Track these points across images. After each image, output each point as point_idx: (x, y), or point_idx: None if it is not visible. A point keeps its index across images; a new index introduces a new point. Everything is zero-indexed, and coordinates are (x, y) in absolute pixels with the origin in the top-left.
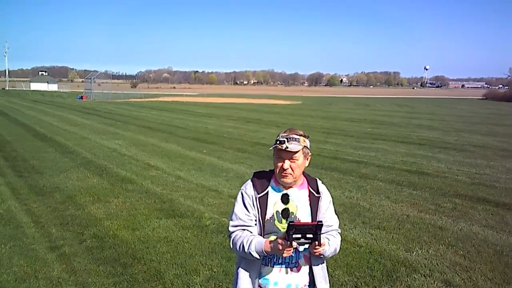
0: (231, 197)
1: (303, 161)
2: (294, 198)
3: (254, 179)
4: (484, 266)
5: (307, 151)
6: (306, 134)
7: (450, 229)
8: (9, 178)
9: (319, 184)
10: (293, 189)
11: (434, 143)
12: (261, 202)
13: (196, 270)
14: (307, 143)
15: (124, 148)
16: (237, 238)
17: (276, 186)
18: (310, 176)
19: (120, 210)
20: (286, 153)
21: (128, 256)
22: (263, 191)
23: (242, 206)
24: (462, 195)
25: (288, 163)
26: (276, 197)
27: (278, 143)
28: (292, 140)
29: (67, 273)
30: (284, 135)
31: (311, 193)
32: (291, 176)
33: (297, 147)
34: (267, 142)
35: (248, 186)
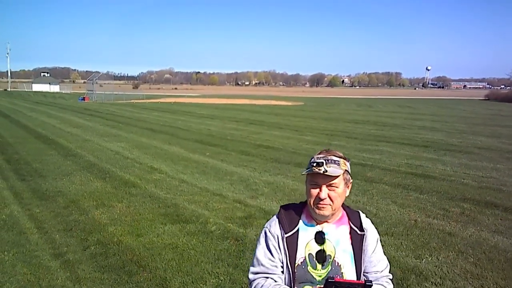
0: (236, 201)
1: (344, 190)
2: (331, 237)
3: (281, 214)
4: (496, 274)
5: (349, 178)
6: (346, 157)
7: (459, 235)
8: (12, 182)
9: (363, 219)
10: (329, 225)
11: (439, 145)
12: (289, 243)
13: (203, 278)
14: (348, 166)
15: (127, 150)
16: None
17: (308, 222)
18: (350, 209)
19: (124, 215)
20: (323, 179)
21: (133, 264)
22: (292, 230)
23: (265, 249)
24: (469, 199)
25: (326, 191)
26: (309, 236)
27: (314, 166)
28: (331, 162)
29: (71, 282)
30: (321, 157)
31: (352, 230)
32: (329, 208)
33: (338, 171)
34: (270, 144)
35: (273, 224)
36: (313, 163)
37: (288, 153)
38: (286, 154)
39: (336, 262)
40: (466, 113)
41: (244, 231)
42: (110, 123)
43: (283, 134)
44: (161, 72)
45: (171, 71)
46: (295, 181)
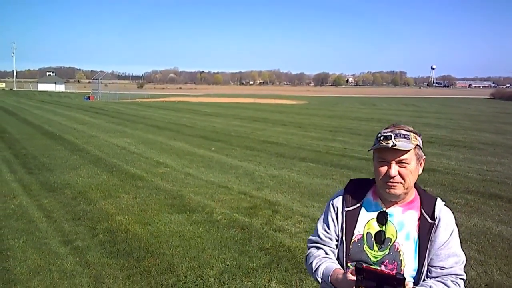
0: (241, 193)
1: (416, 167)
2: (395, 220)
3: (347, 188)
4: (499, 260)
5: (421, 153)
6: (418, 131)
7: (463, 224)
8: (20, 175)
9: (437, 206)
10: (397, 207)
11: (443, 140)
12: (348, 218)
13: (209, 264)
14: (419, 141)
15: (133, 146)
16: (309, 256)
17: (374, 200)
18: (426, 193)
19: (131, 206)
20: (392, 154)
21: (141, 250)
22: (354, 205)
23: (323, 220)
24: (473, 191)
25: (396, 168)
26: (371, 215)
27: (381, 139)
28: (400, 137)
29: (81, 266)
30: (389, 131)
31: (422, 216)
32: (401, 186)
33: (409, 145)
34: (274, 140)
35: (337, 196)
36: (380, 138)
37: (292, 148)
38: (290, 149)
39: (396, 247)
40: (471, 111)
41: (250, 220)
42: (115, 120)
43: (287, 130)
44: (166, 71)
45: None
46: (300, 174)
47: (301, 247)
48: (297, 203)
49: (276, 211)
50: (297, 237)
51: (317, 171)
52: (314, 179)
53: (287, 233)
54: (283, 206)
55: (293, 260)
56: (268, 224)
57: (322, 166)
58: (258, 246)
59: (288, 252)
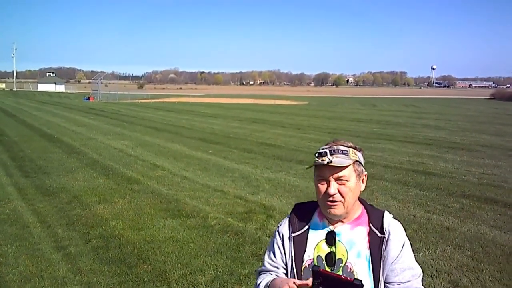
0: (237, 197)
1: (357, 184)
2: (344, 239)
3: (293, 212)
4: (492, 267)
5: (361, 169)
6: (358, 146)
7: (458, 229)
8: (16, 178)
9: (386, 219)
10: (344, 225)
11: (441, 143)
12: (296, 243)
13: (201, 270)
14: (359, 157)
15: (131, 148)
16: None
17: (320, 221)
18: (373, 208)
19: (126, 210)
20: (330, 171)
21: (134, 256)
22: (301, 229)
23: (270, 249)
24: (469, 195)
25: (335, 186)
26: (319, 236)
27: (317, 157)
28: (337, 152)
29: (73, 273)
30: (326, 147)
31: (372, 231)
32: (341, 205)
33: (346, 161)
34: (273, 142)
35: (283, 222)
36: (316, 154)
37: (290, 150)
38: (288, 151)
39: (348, 267)
40: (470, 112)
41: (244, 225)
42: (114, 122)
43: (286, 132)
44: (166, 72)
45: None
46: (296, 177)
47: None
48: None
49: (270, 216)
50: None
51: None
52: (310, 182)
53: None
54: (278, 210)
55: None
56: (262, 229)
57: None
58: (251, 252)
59: None
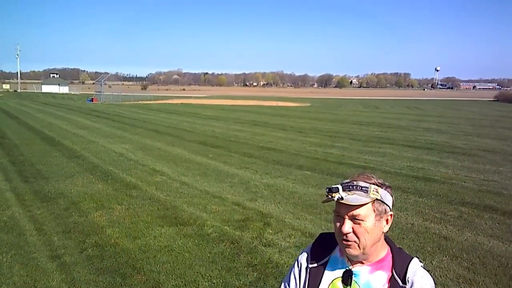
0: (234, 204)
1: (377, 225)
2: (361, 281)
3: (315, 242)
4: (488, 279)
5: (383, 209)
6: (385, 183)
7: (455, 239)
8: (15, 183)
9: (411, 267)
10: (363, 266)
11: (443, 147)
12: (312, 276)
13: (196, 281)
14: (382, 195)
15: (131, 152)
16: None
17: (340, 256)
18: (401, 252)
19: (123, 218)
20: (344, 208)
21: (128, 266)
22: (319, 261)
23: (288, 275)
24: (468, 203)
25: (349, 224)
26: (337, 273)
27: (327, 192)
28: (354, 188)
29: (66, 284)
30: (345, 181)
31: (393, 278)
32: (355, 246)
33: (361, 200)
34: (273, 146)
35: (304, 252)
36: (326, 190)
37: (290, 155)
38: (288, 156)
39: None
40: (473, 115)
41: (240, 234)
42: (116, 124)
43: (287, 135)
44: (170, 73)
45: (180, 72)
46: (295, 183)
47: (289, 264)
48: (290, 215)
49: (267, 224)
50: (286, 253)
51: (313, 180)
52: (309, 188)
53: (277, 248)
54: (275, 218)
55: (279, 278)
56: (258, 238)
57: (319, 175)
58: (246, 262)
59: (276, 269)
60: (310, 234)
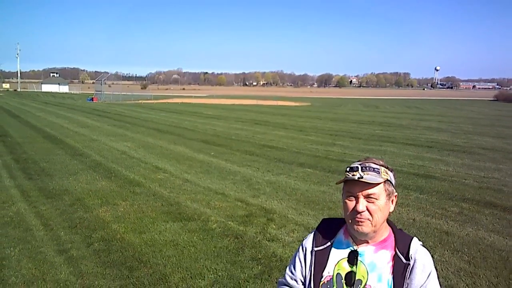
0: (237, 200)
1: (387, 203)
2: (366, 260)
3: (319, 227)
4: (489, 272)
5: (392, 189)
6: (389, 166)
7: (456, 234)
8: (19, 180)
9: (413, 245)
10: (368, 246)
11: (443, 145)
12: (317, 258)
13: (201, 274)
14: (390, 176)
15: (133, 150)
16: None
17: (345, 239)
18: (402, 232)
19: (128, 213)
20: (360, 187)
21: (135, 260)
22: (324, 244)
23: (292, 261)
24: (469, 199)
25: (364, 203)
26: (342, 254)
27: (348, 171)
28: (369, 170)
29: (74, 276)
30: (358, 163)
31: (397, 256)
32: (368, 224)
33: (377, 179)
34: (274, 144)
35: (308, 236)
36: (346, 169)
37: (291, 153)
38: (289, 154)
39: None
40: (473, 114)
41: (244, 229)
42: (117, 123)
43: (288, 134)
44: (170, 72)
45: (180, 72)
46: (297, 180)
47: None
48: (292, 211)
49: (270, 219)
50: (290, 247)
51: (315, 177)
52: (311, 185)
53: (280, 243)
54: (278, 214)
55: (284, 271)
56: (262, 233)
57: (320, 172)
58: (250, 256)
59: (280, 263)
60: (313, 229)
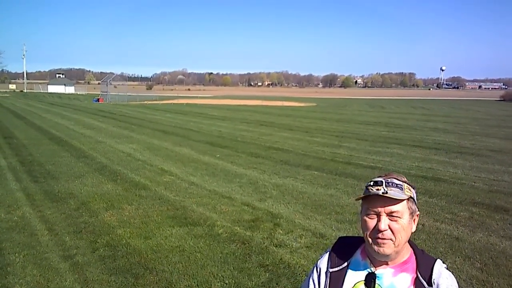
0: (244, 204)
1: (410, 223)
2: (385, 283)
3: (335, 246)
4: (502, 280)
5: (415, 208)
6: (412, 184)
7: (467, 239)
8: (25, 183)
9: (436, 268)
10: (387, 269)
11: (450, 147)
12: (333, 280)
13: (208, 282)
14: (413, 194)
15: (139, 152)
16: None
17: (362, 260)
18: (425, 254)
19: (133, 218)
20: (382, 204)
21: (140, 266)
22: (340, 265)
23: (306, 282)
24: (479, 203)
25: (386, 221)
26: (359, 277)
27: (371, 185)
28: (392, 185)
29: (79, 284)
30: (381, 177)
31: (418, 281)
32: (391, 244)
33: (401, 195)
34: (280, 146)
35: (324, 256)
36: (369, 184)
37: (297, 155)
38: (295, 156)
39: None
40: (480, 114)
41: (251, 234)
42: (122, 124)
43: (294, 135)
44: (175, 73)
45: (185, 72)
46: (304, 183)
47: (301, 264)
48: (300, 215)
49: (277, 224)
50: (298, 253)
51: (322, 180)
52: (318, 189)
53: (288, 248)
54: (285, 218)
55: (292, 279)
56: (269, 239)
57: (327, 175)
58: (258, 262)
59: (288, 269)
60: (320, 235)
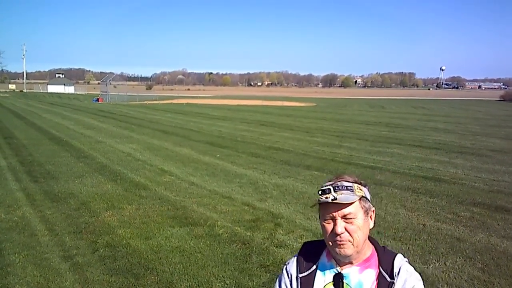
0: (244, 204)
1: (365, 221)
2: (352, 282)
3: (301, 251)
4: (503, 280)
5: (368, 205)
6: (362, 181)
7: (468, 240)
8: (25, 183)
9: (397, 262)
10: (352, 267)
11: (451, 147)
12: (303, 284)
13: (209, 282)
14: (365, 192)
15: (139, 152)
16: None
17: (328, 261)
18: (385, 249)
19: (133, 218)
20: (335, 208)
21: (141, 267)
22: (308, 269)
23: (279, 285)
24: (480, 203)
25: (342, 224)
26: (327, 279)
27: (320, 194)
28: (341, 189)
29: (80, 284)
30: (329, 183)
31: (381, 275)
32: (349, 245)
33: (351, 198)
34: (280, 146)
35: (291, 261)
36: (318, 192)
37: (298, 155)
38: (296, 156)
39: None
40: (480, 114)
41: (251, 235)
42: (123, 124)
43: (294, 135)
44: (174, 73)
45: (184, 72)
46: (304, 183)
47: None
48: (300, 215)
49: (278, 224)
50: None
51: (322, 180)
52: (318, 189)
53: (289, 249)
54: (286, 218)
55: None
56: (269, 239)
57: (327, 175)
58: (258, 263)
59: None
60: (321, 235)
